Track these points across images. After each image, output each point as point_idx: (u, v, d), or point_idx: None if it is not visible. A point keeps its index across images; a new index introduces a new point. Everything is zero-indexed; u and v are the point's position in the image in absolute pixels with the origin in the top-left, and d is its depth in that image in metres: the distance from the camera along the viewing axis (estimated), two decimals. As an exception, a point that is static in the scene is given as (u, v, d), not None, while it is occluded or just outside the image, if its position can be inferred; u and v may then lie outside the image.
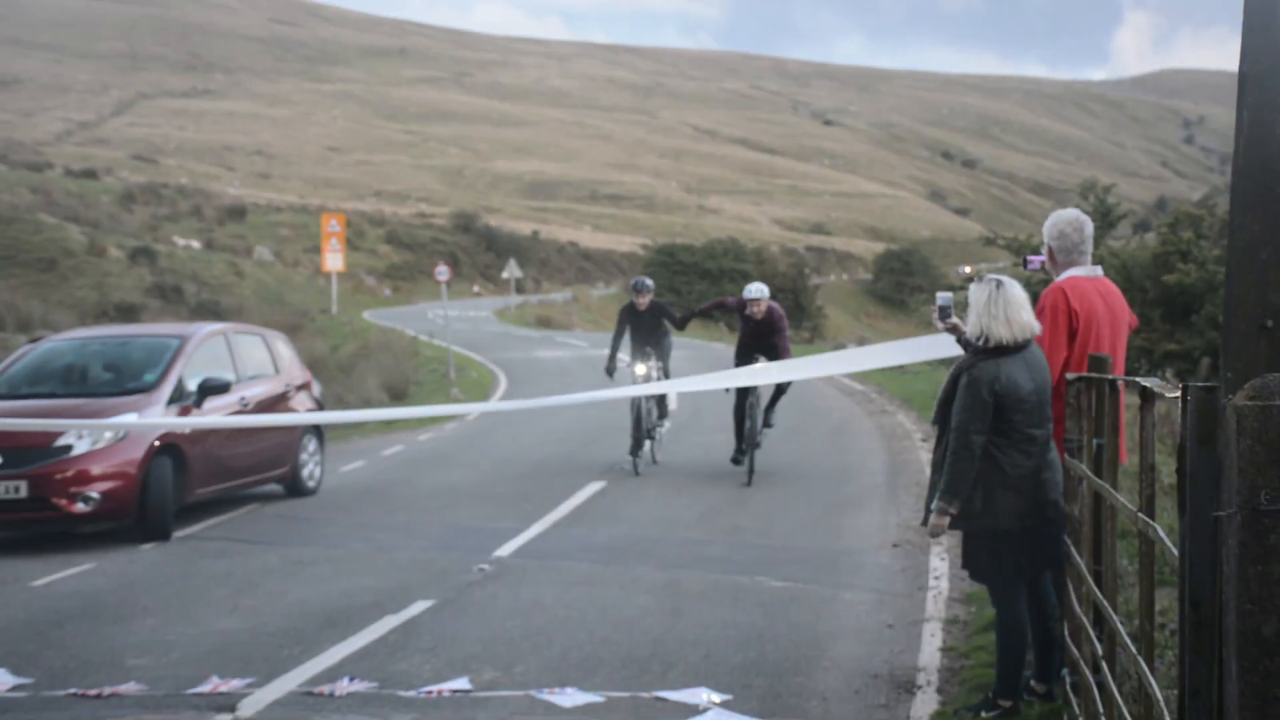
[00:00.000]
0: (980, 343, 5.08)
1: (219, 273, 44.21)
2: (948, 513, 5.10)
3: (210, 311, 31.55)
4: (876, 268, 72.13)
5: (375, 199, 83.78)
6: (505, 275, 47.24)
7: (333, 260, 40.05)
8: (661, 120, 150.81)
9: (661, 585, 7.63)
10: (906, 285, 64.50)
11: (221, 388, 10.23)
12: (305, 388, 11.96)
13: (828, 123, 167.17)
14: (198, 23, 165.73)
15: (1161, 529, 3.18)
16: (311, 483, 11.65)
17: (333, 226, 40.07)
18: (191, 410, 10.00)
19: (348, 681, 5.85)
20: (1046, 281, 5.65)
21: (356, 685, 5.80)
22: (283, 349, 11.96)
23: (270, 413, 10.98)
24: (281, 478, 11.35)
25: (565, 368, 25.00)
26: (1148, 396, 3.35)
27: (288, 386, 11.58)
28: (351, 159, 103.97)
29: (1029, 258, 5.81)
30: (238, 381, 10.69)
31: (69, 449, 9.25)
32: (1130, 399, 7.02)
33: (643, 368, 12.47)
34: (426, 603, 7.27)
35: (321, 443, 11.97)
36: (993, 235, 28.53)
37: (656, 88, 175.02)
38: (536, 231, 75.22)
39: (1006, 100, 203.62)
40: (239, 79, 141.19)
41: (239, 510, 10.85)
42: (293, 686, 5.81)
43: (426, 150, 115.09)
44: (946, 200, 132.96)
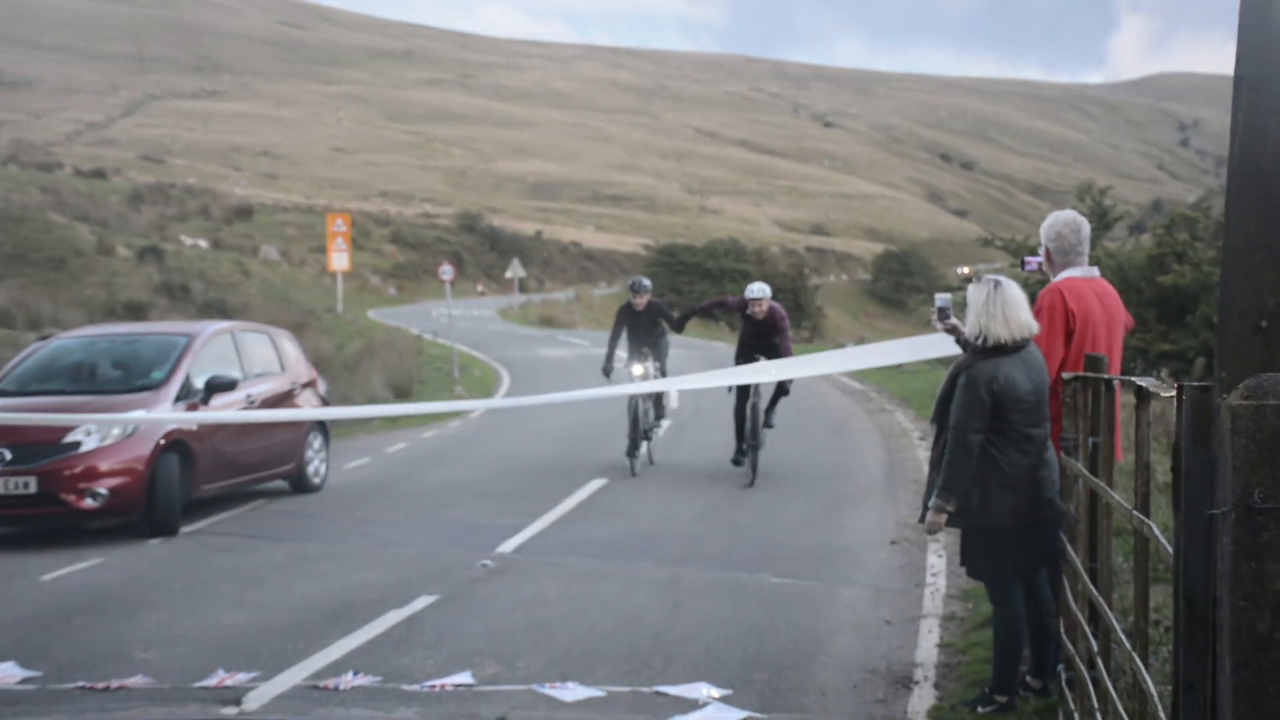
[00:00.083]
0: (979, 342, 5.10)
1: (226, 272, 44.23)
2: (945, 510, 5.12)
3: (217, 310, 31.54)
4: (875, 268, 72.11)
5: (380, 199, 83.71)
6: (508, 275, 47.22)
7: (338, 260, 40.09)
8: (663, 122, 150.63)
9: (662, 581, 7.66)
10: (905, 285, 64.56)
11: (228, 385, 10.30)
12: (311, 385, 12.01)
13: (828, 125, 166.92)
14: (206, 25, 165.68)
15: (1156, 527, 3.18)
16: (317, 479, 11.72)
17: (338, 226, 40.10)
18: (199, 407, 10.07)
19: (352, 675, 5.88)
20: (1044, 282, 5.69)
21: (360, 679, 5.84)
22: (289, 347, 12.01)
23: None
24: (287, 474, 11.41)
25: (567, 366, 24.99)
26: (1143, 396, 3.34)
27: (294, 384, 11.64)
28: (357, 160, 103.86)
29: (1026, 259, 5.84)
30: (244, 379, 10.75)
31: (77, 445, 9.31)
32: (1126, 398, 7.06)
33: (639, 368, 12.44)
34: (430, 598, 7.31)
35: (327, 440, 12.04)
36: (990, 236, 28.52)
37: (658, 90, 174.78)
38: (539, 231, 75.21)
39: (1004, 103, 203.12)
40: (246, 80, 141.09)
41: (245, 506, 10.91)
42: (298, 680, 5.85)
43: (431, 151, 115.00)
44: (945, 202, 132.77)
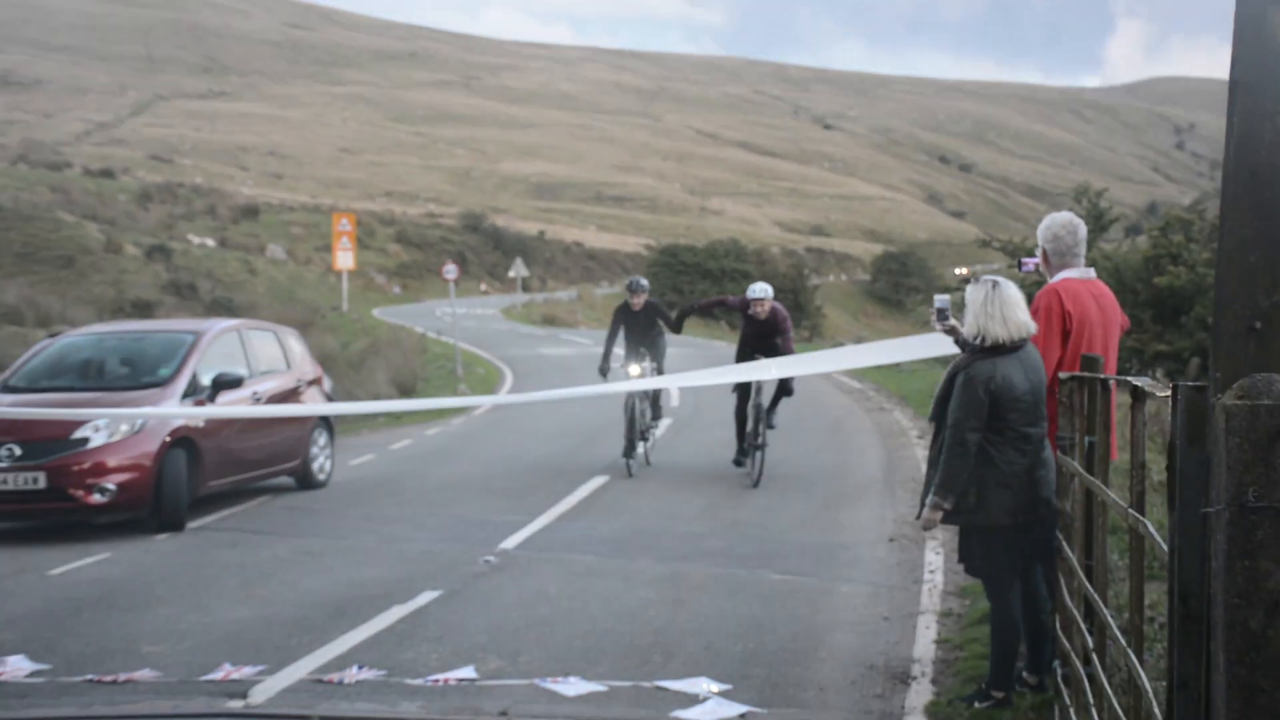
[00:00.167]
0: (977, 342, 5.13)
1: (233, 270, 44.32)
2: (941, 508, 5.16)
3: (224, 308, 31.64)
4: (874, 269, 72.12)
5: (385, 199, 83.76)
6: (512, 274, 47.25)
7: (343, 259, 40.12)
8: (665, 123, 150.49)
9: (663, 577, 7.71)
10: (903, 286, 64.73)
11: (235, 382, 10.36)
12: (316, 383, 12.07)
13: (827, 127, 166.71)
14: (213, 26, 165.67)
15: (1151, 525, 3.19)
16: (322, 475, 11.78)
17: (344, 226, 40.13)
18: (205, 404, 10.14)
19: (356, 670, 5.93)
20: (1040, 283, 5.72)
21: (365, 673, 5.88)
22: (294, 345, 12.07)
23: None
24: (293, 470, 11.47)
25: (570, 364, 25.01)
26: (1138, 395, 3.36)
27: (299, 382, 11.70)
28: (362, 160, 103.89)
29: (1024, 260, 5.85)
30: (250, 376, 10.81)
31: (86, 441, 9.38)
32: (1122, 398, 7.14)
33: (636, 368, 12.43)
34: (433, 593, 7.35)
35: (331, 436, 12.09)
36: (988, 238, 28.58)
37: (661, 92, 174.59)
38: (542, 231, 75.23)
39: (1002, 106, 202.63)
40: (253, 81, 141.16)
41: (251, 502, 10.96)
42: (303, 674, 5.89)
43: (435, 152, 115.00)
44: (943, 203, 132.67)
